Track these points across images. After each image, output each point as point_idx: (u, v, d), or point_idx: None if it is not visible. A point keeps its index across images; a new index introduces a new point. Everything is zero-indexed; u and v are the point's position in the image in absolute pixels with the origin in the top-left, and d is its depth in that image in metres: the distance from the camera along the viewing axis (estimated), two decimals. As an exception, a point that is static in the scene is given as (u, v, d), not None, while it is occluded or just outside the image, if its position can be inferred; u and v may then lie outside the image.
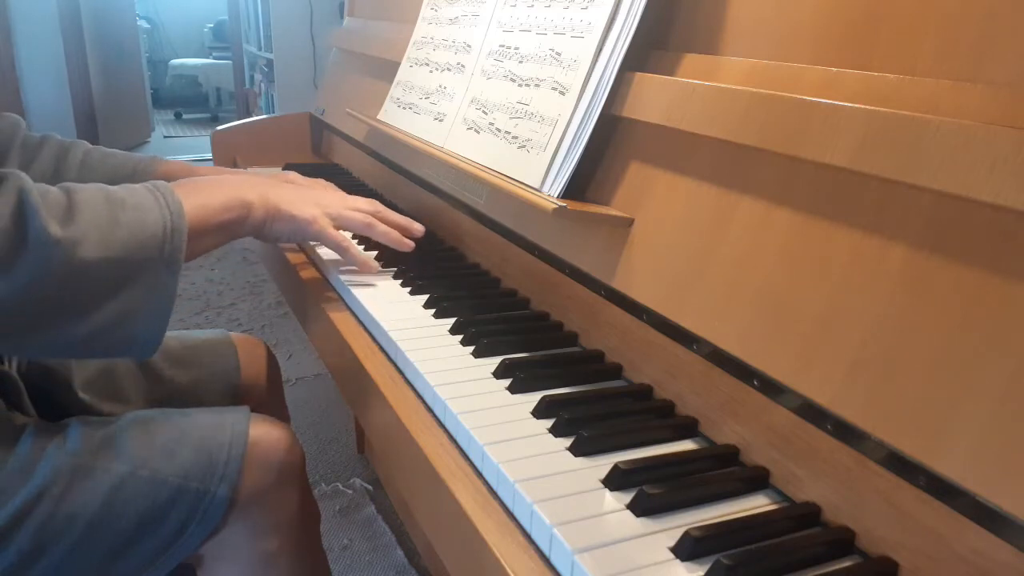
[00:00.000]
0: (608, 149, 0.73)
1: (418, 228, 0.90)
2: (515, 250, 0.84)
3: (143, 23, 6.28)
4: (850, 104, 0.48)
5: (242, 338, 1.03)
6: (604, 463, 0.53)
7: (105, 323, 0.63)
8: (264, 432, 0.74)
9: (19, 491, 0.65)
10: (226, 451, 0.70)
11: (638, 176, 0.69)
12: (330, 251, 0.91)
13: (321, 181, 1.01)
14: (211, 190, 0.75)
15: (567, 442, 0.56)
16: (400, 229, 0.89)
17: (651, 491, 0.49)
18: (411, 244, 0.88)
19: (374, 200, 0.90)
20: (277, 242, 0.86)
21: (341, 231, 0.85)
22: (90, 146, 1.00)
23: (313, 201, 0.83)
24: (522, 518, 0.49)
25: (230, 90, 5.94)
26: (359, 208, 0.87)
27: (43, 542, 0.65)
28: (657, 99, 0.65)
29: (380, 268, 0.85)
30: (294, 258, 1.00)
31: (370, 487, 1.66)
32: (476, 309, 0.79)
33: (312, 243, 0.95)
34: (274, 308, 2.66)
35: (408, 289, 0.85)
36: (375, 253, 0.93)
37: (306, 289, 0.91)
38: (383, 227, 0.87)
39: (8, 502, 0.64)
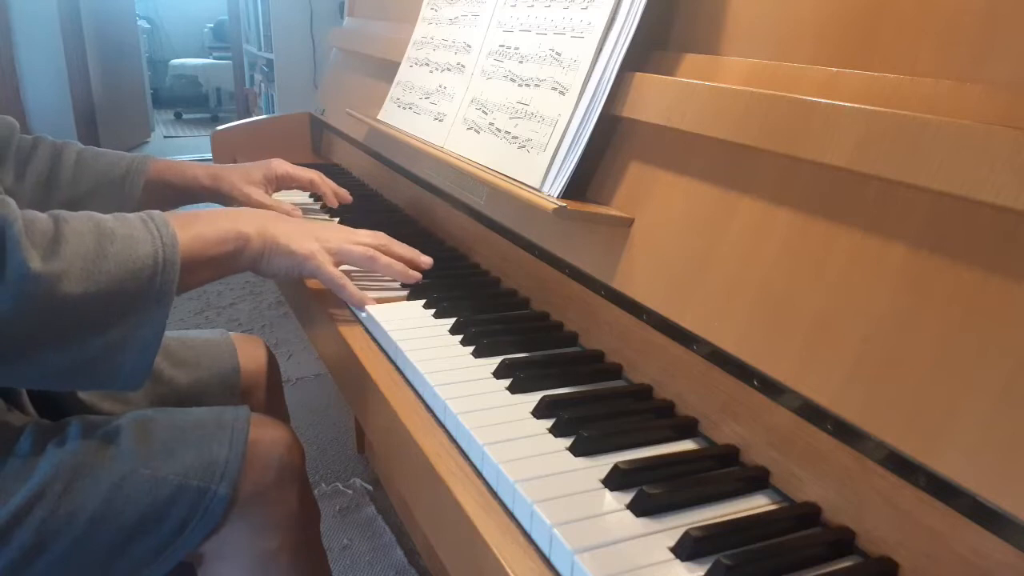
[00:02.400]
0: (608, 149, 0.73)
1: (425, 260, 0.86)
2: (515, 250, 0.84)
3: (143, 23, 6.28)
4: (850, 104, 0.48)
5: (242, 338, 1.03)
6: (604, 463, 0.53)
7: (89, 356, 0.61)
8: (264, 431, 0.74)
9: (20, 489, 0.65)
10: (226, 450, 0.70)
11: (638, 176, 0.69)
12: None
13: (328, 222, 0.99)
14: (208, 222, 0.73)
15: (567, 442, 0.56)
16: (406, 262, 0.85)
17: (651, 491, 0.49)
18: (418, 276, 0.84)
19: (380, 233, 0.87)
20: (274, 277, 0.82)
21: (342, 266, 0.82)
22: (82, 146, 1.01)
23: (313, 236, 0.80)
24: (522, 518, 0.49)
25: (230, 90, 5.94)
26: (361, 242, 0.83)
27: (44, 540, 0.65)
28: (657, 99, 0.65)
29: (375, 302, 0.80)
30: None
31: (370, 487, 1.66)
32: (476, 309, 0.79)
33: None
34: (274, 308, 2.66)
35: (408, 289, 0.84)
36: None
37: (306, 289, 0.91)
38: (386, 259, 0.83)
39: (9, 500, 0.64)
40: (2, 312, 0.57)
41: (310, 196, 1.24)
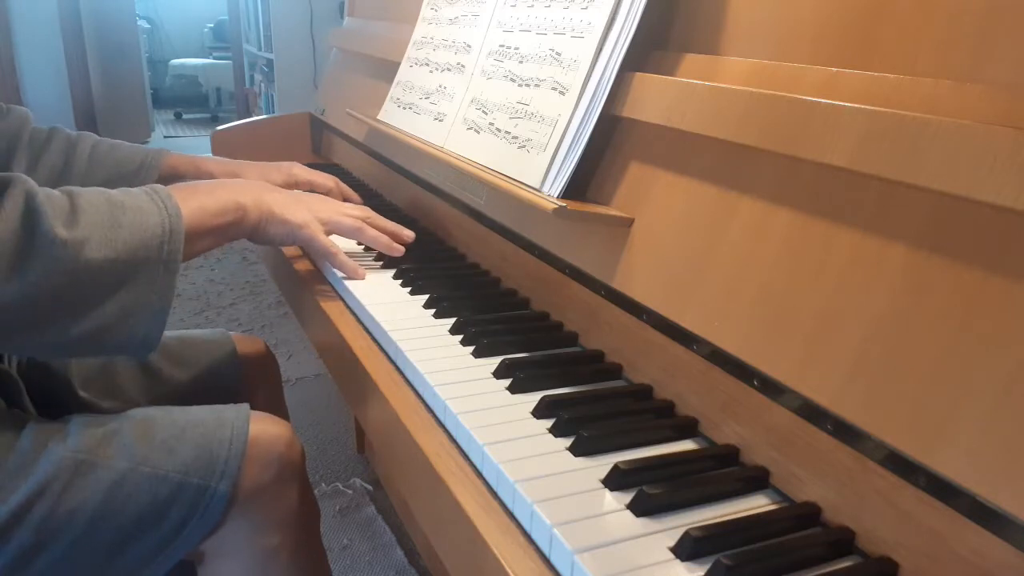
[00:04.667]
0: (608, 149, 0.73)
1: (408, 234, 0.93)
2: (515, 250, 0.84)
3: (143, 23, 6.28)
4: (850, 104, 0.48)
5: (242, 338, 1.03)
6: (604, 463, 0.53)
7: (106, 322, 0.64)
8: (264, 429, 0.74)
9: (20, 487, 0.65)
10: (226, 447, 0.71)
11: (638, 176, 0.69)
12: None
13: (317, 195, 1.03)
14: (207, 194, 0.77)
15: (567, 442, 0.56)
16: (390, 235, 0.91)
17: (651, 491, 0.49)
18: (401, 249, 0.90)
19: (366, 207, 0.93)
20: (270, 244, 0.89)
21: (332, 237, 0.87)
22: (97, 138, 1.01)
23: (305, 206, 0.85)
24: (522, 518, 0.49)
25: (230, 90, 5.94)
26: (349, 213, 0.89)
27: (44, 538, 0.65)
28: (657, 99, 0.65)
29: (365, 275, 0.87)
30: (294, 258, 1.00)
31: (370, 487, 1.66)
32: (476, 309, 0.79)
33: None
34: (274, 308, 2.66)
35: (408, 289, 0.85)
36: (375, 254, 0.94)
37: (306, 289, 0.91)
38: (372, 231, 0.89)
39: (9, 498, 0.64)
40: (33, 279, 0.60)
41: None
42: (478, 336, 0.71)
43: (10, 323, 0.61)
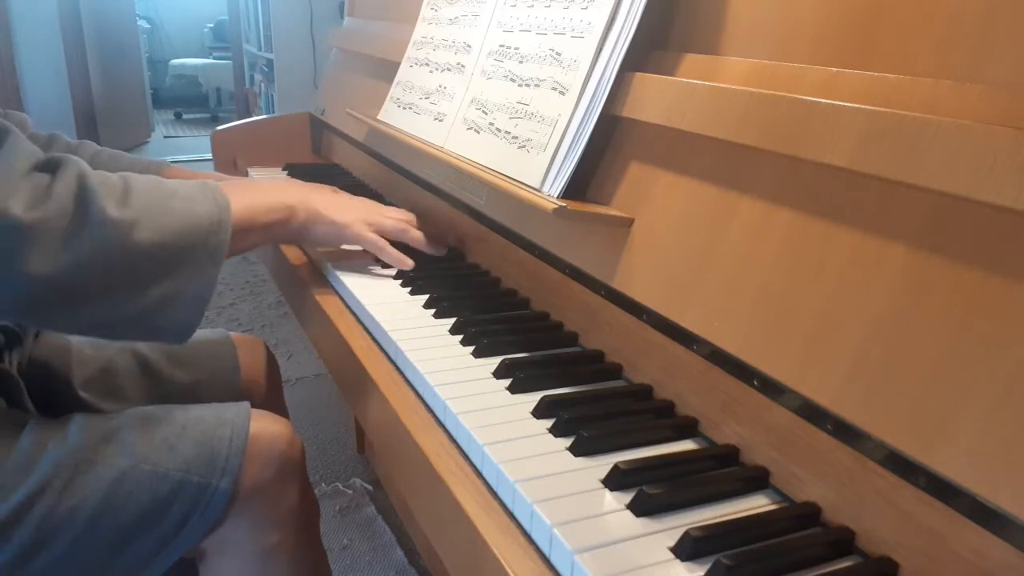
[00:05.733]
0: (608, 149, 0.73)
1: (450, 239, 0.97)
2: (515, 250, 0.84)
3: (143, 23, 6.28)
4: (850, 104, 0.48)
5: (242, 338, 1.03)
6: (604, 463, 0.53)
7: (149, 305, 0.66)
8: (264, 426, 0.74)
9: (21, 486, 0.65)
10: (227, 445, 0.71)
11: (638, 176, 0.69)
12: (328, 249, 0.94)
13: (360, 197, 1.06)
14: (256, 192, 0.81)
15: (567, 442, 0.56)
16: (431, 239, 0.94)
17: (651, 491, 0.49)
18: (444, 249, 0.94)
19: (407, 211, 0.97)
20: (316, 245, 0.92)
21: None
22: (97, 147, 1.01)
23: (349, 207, 0.89)
24: (522, 518, 0.49)
25: (230, 90, 5.94)
26: (392, 216, 0.92)
27: (45, 536, 0.65)
28: (657, 99, 0.65)
29: (413, 264, 0.89)
30: (294, 258, 1.00)
31: (370, 487, 1.66)
32: (476, 309, 0.79)
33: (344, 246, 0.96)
34: (274, 308, 2.66)
35: (408, 289, 0.85)
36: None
37: (306, 289, 0.91)
38: (416, 232, 0.92)
39: (10, 496, 0.65)
40: (83, 255, 0.61)
41: None
42: (478, 336, 0.71)
43: (56, 299, 0.62)
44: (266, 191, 0.82)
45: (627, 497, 0.50)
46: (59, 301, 0.62)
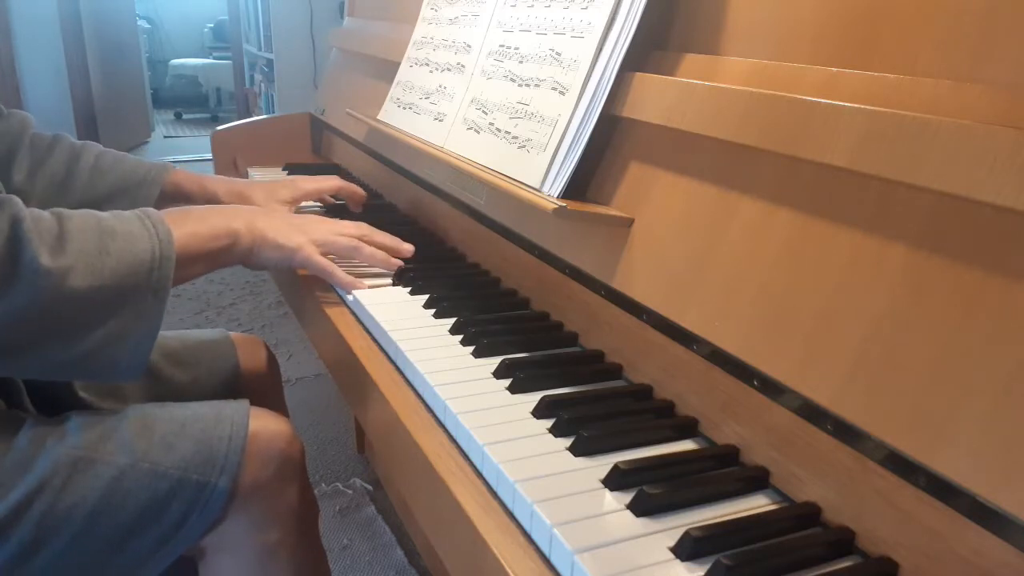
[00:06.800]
0: (608, 149, 0.73)
1: (407, 248, 0.91)
2: (515, 250, 0.84)
3: (143, 23, 6.28)
4: (850, 104, 0.48)
5: (242, 338, 1.03)
6: (604, 463, 0.53)
7: (91, 348, 0.64)
8: (264, 425, 0.74)
9: (19, 484, 0.65)
10: (226, 443, 0.71)
11: (638, 176, 0.69)
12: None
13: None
14: (200, 219, 0.77)
15: (567, 442, 0.56)
16: (388, 250, 0.90)
17: (651, 491, 0.49)
18: (399, 263, 0.89)
19: (361, 223, 0.91)
20: (264, 269, 0.87)
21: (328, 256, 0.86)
22: (101, 149, 1.00)
23: (299, 229, 0.85)
24: (522, 518, 0.49)
25: (230, 90, 5.94)
26: (345, 232, 0.88)
27: (44, 534, 0.65)
28: (657, 99, 0.65)
29: (366, 285, 0.85)
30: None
31: (370, 487, 1.66)
32: (476, 309, 0.79)
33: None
34: (274, 308, 2.66)
35: (408, 289, 0.85)
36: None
37: (306, 289, 0.91)
38: (369, 249, 0.88)
39: (8, 495, 0.65)
40: (15, 306, 0.60)
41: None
42: (478, 336, 0.71)
43: None
44: (209, 217, 0.78)
45: (627, 497, 0.50)
46: None
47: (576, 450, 0.55)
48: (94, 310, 0.63)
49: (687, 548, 0.45)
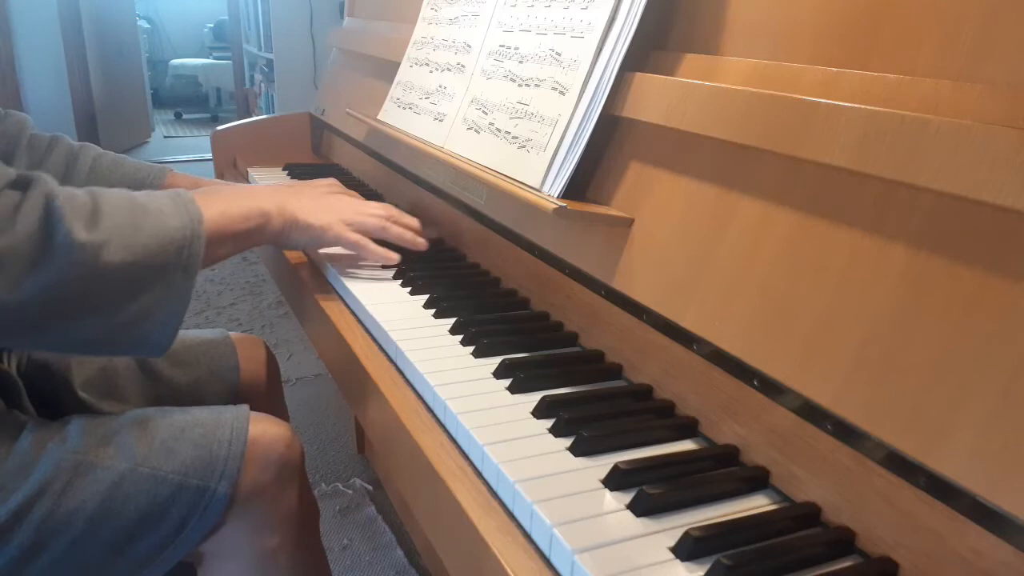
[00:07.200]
0: (608, 149, 0.73)
1: (433, 233, 0.94)
2: (515, 250, 0.84)
3: (143, 23, 6.28)
4: (850, 104, 0.48)
5: (242, 338, 1.03)
6: (604, 463, 0.53)
7: (121, 323, 0.64)
8: (263, 429, 0.74)
9: (19, 488, 0.65)
10: (226, 448, 0.71)
11: (638, 176, 0.69)
12: (329, 249, 0.93)
13: (333, 183, 1.03)
14: (231, 200, 0.78)
15: (567, 442, 0.56)
16: (413, 231, 0.92)
17: (651, 491, 0.49)
18: (425, 243, 0.92)
19: (387, 204, 0.93)
20: (295, 249, 0.90)
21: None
22: (99, 151, 1.00)
23: (329, 208, 0.87)
24: (522, 518, 0.49)
25: (230, 90, 5.94)
26: (373, 213, 0.90)
27: (43, 539, 0.65)
28: (657, 99, 0.65)
29: (399, 258, 0.88)
30: (294, 258, 1.00)
31: (370, 487, 1.66)
32: (476, 309, 0.79)
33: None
34: (274, 308, 2.66)
35: (408, 289, 0.85)
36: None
37: (306, 289, 0.91)
38: (397, 228, 0.90)
39: (8, 499, 0.64)
40: (49, 280, 0.60)
41: None
42: (478, 336, 0.71)
43: (24, 320, 0.61)
44: (240, 197, 0.79)
45: (627, 497, 0.50)
46: (27, 322, 0.61)
47: (576, 450, 0.55)
48: (126, 285, 0.64)
49: (687, 548, 0.45)
